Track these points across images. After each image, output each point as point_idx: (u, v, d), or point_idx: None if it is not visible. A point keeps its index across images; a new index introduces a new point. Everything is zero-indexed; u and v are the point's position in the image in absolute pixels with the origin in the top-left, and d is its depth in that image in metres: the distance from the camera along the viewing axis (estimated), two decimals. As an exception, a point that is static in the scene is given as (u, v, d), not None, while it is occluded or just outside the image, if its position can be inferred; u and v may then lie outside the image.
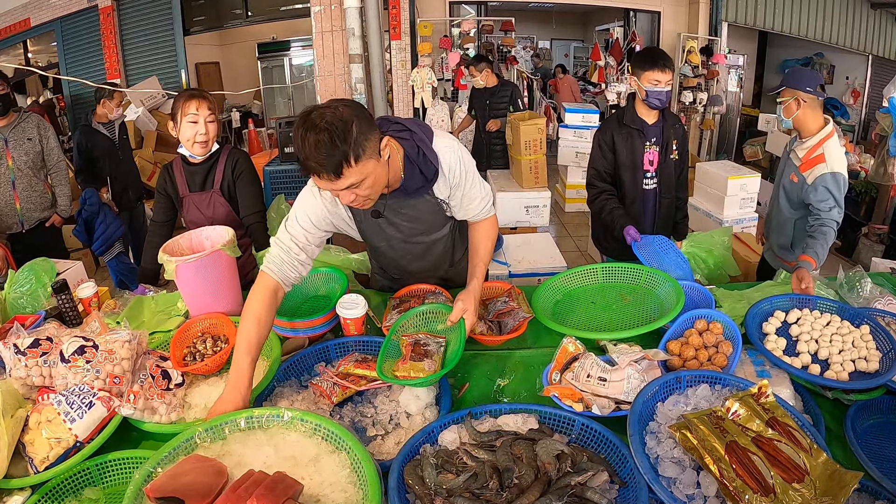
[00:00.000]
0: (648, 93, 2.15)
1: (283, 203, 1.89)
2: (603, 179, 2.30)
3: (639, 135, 2.24)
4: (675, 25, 6.74)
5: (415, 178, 1.35)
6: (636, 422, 0.99)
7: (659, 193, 2.32)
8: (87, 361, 1.18)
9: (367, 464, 0.94)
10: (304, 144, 1.14)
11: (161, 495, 0.88)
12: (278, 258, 1.35)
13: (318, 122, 1.13)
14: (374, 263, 1.78)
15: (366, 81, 2.80)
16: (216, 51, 8.07)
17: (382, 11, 3.08)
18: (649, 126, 2.24)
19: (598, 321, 1.51)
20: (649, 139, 2.25)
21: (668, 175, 2.30)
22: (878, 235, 4.30)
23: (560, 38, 12.10)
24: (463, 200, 1.47)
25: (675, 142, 2.29)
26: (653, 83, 2.13)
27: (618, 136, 2.25)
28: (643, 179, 2.30)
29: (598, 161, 2.30)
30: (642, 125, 2.24)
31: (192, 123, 1.84)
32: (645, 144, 2.25)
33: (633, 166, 2.27)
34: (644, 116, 2.24)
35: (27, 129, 2.98)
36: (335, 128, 1.12)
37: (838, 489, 0.87)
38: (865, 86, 6.60)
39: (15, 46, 6.91)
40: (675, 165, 2.31)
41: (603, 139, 2.28)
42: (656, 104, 2.18)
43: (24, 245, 2.97)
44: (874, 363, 1.23)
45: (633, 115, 2.25)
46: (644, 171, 2.28)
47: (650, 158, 2.27)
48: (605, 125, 2.33)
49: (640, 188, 2.30)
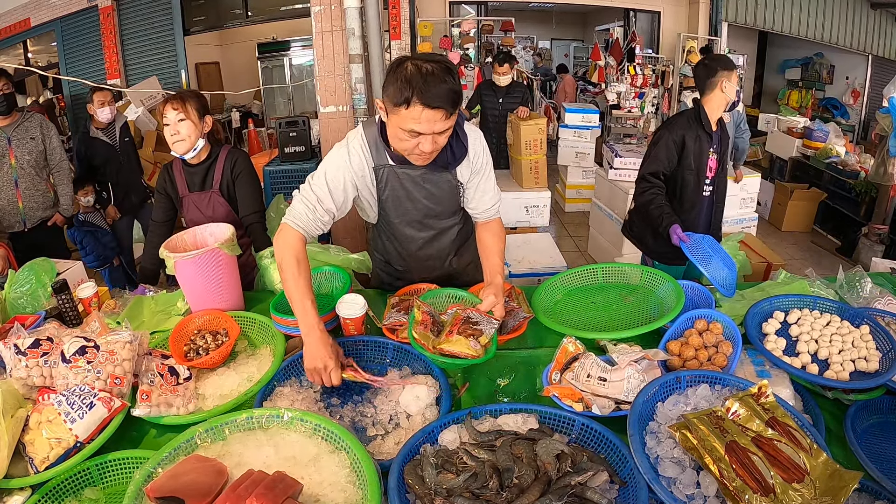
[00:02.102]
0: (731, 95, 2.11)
1: (282, 203, 1.89)
2: (659, 178, 2.19)
3: (707, 139, 2.18)
4: (675, 25, 6.74)
5: (446, 152, 1.40)
6: (636, 422, 0.99)
7: (714, 202, 2.27)
8: (88, 362, 1.18)
9: (367, 463, 0.94)
10: (424, 73, 1.16)
11: (161, 495, 0.88)
12: (304, 215, 1.38)
13: (437, 58, 1.18)
14: (378, 257, 1.77)
15: (366, 81, 2.80)
16: (216, 51, 8.07)
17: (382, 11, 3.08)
18: (713, 132, 2.19)
19: (598, 321, 1.51)
20: (713, 145, 2.20)
21: (724, 185, 2.26)
22: (878, 235, 4.30)
23: (560, 38, 12.10)
24: (478, 191, 1.53)
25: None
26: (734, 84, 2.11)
27: (689, 137, 2.17)
28: (704, 185, 2.23)
29: (661, 160, 2.17)
30: (710, 130, 2.18)
31: (167, 125, 1.85)
32: (710, 150, 2.19)
33: (697, 170, 2.19)
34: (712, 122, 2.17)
35: (30, 129, 2.99)
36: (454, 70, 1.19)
37: (838, 489, 0.87)
38: (865, 86, 6.60)
39: (15, 46, 6.91)
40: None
41: (672, 138, 2.17)
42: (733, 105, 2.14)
43: (26, 244, 2.99)
44: (874, 363, 1.24)
45: (707, 119, 2.17)
46: (706, 176, 2.22)
47: (711, 165, 2.22)
48: (676, 125, 2.22)
49: (700, 193, 2.24)
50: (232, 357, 1.41)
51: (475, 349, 1.18)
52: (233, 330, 1.43)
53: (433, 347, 1.21)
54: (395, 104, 1.23)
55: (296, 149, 3.92)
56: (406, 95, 1.19)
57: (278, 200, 1.90)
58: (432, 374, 1.28)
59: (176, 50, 6.00)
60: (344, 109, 2.93)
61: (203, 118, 1.90)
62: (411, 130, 1.24)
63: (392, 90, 1.22)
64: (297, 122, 3.94)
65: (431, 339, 1.24)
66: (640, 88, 6.72)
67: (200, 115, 1.89)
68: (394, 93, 1.21)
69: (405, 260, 1.69)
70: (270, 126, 6.48)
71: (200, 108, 1.89)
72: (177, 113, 1.83)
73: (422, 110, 1.19)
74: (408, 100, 1.19)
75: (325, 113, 2.98)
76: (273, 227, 1.85)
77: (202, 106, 1.90)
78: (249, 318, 1.53)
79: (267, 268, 1.78)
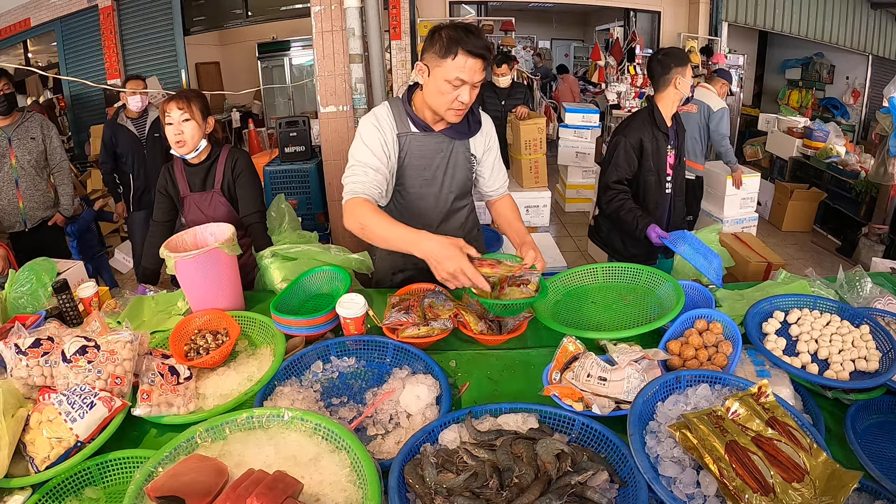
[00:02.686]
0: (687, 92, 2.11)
1: (282, 202, 1.89)
2: (622, 184, 2.19)
3: (664, 137, 2.17)
4: (675, 25, 6.74)
5: (463, 123, 1.58)
6: (636, 421, 0.99)
7: (673, 196, 2.27)
8: (88, 361, 1.18)
9: (367, 463, 0.94)
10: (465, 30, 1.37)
11: (161, 494, 0.88)
12: (358, 183, 1.47)
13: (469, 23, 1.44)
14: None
15: (366, 81, 2.79)
16: (216, 51, 8.07)
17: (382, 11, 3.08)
18: (669, 128, 2.18)
19: (598, 321, 1.51)
20: (670, 142, 2.19)
21: (681, 177, 2.25)
22: (878, 235, 4.31)
23: (560, 38, 12.11)
24: (494, 168, 1.71)
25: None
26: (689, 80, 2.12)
27: (646, 139, 2.15)
28: (665, 183, 2.22)
29: (622, 167, 2.16)
30: (666, 128, 2.16)
31: (168, 125, 1.85)
32: (668, 147, 2.18)
33: (657, 170, 2.19)
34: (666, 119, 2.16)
35: (31, 129, 3.00)
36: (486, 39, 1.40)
37: (838, 489, 0.87)
38: (865, 86, 6.60)
39: (15, 46, 6.91)
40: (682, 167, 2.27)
41: (629, 143, 2.16)
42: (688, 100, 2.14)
43: (27, 244, 2.99)
44: (874, 363, 1.24)
45: (662, 119, 2.16)
46: (666, 174, 2.21)
47: (670, 162, 2.21)
48: (631, 129, 2.19)
49: (663, 192, 2.22)
50: (232, 357, 1.41)
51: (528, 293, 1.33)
52: (233, 330, 1.43)
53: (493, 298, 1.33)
54: (441, 57, 1.39)
55: (296, 149, 3.92)
56: (453, 47, 1.36)
57: (279, 200, 1.90)
58: (433, 374, 1.28)
59: (176, 50, 6.00)
60: (344, 109, 2.93)
61: (206, 119, 1.91)
62: (456, 79, 1.39)
63: (437, 47, 1.39)
64: (297, 122, 3.94)
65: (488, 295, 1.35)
66: (641, 88, 6.73)
67: (203, 116, 1.90)
68: (439, 48, 1.39)
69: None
70: (270, 126, 6.49)
71: (203, 109, 1.90)
72: (181, 112, 1.83)
73: (466, 59, 1.37)
74: (455, 51, 1.36)
75: (325, 113, 2.98)
76: (273, 228, 1.85)
77: (205, 106, 1.91)
78: (250, 317, 1.53)
79: (267, 267, 1.78)
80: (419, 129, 1.56)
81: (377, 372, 1.35)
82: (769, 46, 8.02)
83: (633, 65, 6.71)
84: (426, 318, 1.46)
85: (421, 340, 1.39)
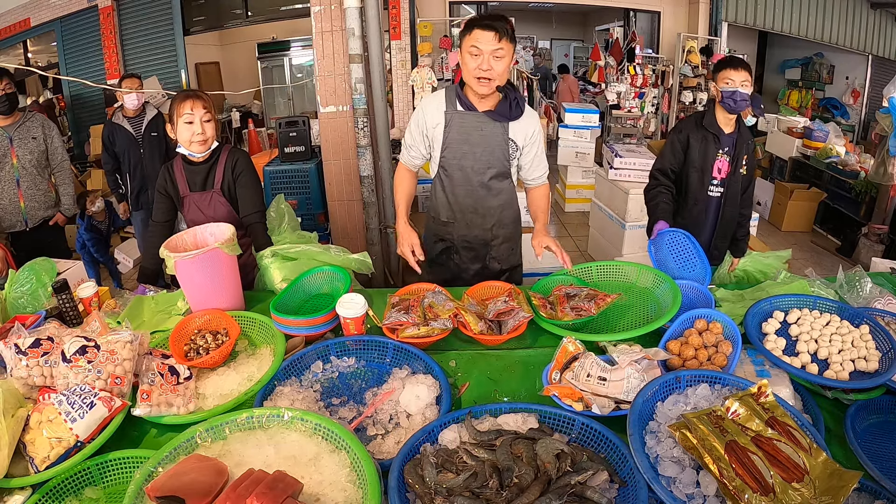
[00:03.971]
0: (723, 93, 2.16)
1: (282, 203, 1.89)
2: (667, 175, 2.30)
3: (714, 140, 2.25)
4: (675, 25, 6.74)
5: (505, 107, 1.80)
6: (636, 421, 0.99)
7: (723, 203, 2.32)
8: (88, 361, 1.18)
9: (367, 463, 0.94)
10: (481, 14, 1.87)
11: (161, 494, 0.88)
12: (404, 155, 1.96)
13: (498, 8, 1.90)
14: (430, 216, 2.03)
15: (366, 81, 2.79)
16: (216, 51, 8.07)
17: (382, 11, 3.07)
18: (725, 135, 2.25)
19: (598, 321, 1.52)
20: (722, 147, 2.25)
21: (736, 188, 2.30)
22: (878, 235, 4.31)
23: (560, 38, 12.10)
24: (535, 160, 1.92)
25: (746, 157, 2.29)
26: (726, 82, 2.15)
27: (693, 137, 2.26)
28: (709, 185, 2.30)
29: (667, 157, 2.30)
30: (719, 131, 2.24)
31: (188, 124, 1.85)
32: (718, 151, 2.26)
33: (701, 169, 2.27)
34: (722, 124, 2.24)
35: (32, 128, 3.00)
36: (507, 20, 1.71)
37: (838, 488, 0.87)
38: (865, 86, 6.60)
39: (15, 46, 6.91)
40: (742, 180, 2.31)
41: (678, 137, 2.29)
42: (730, 105, 2.17)
43: (27, 243, 2.99)
44: (874, 363, 1.24)
45: (712, 120, 2.25)
46: (711, 177, 2.28)
47: (719, 166, 2.27)
48: (683, 124, 2.34)
49: (704, 192, 2.30)
50: (232, 357, 1.41)
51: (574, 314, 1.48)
52: (233, 330, 1.43)
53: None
54: (463, 36, 1.73)
55: (296, 149, 3.92)
56: (469, 26, 1.71)
57: (278, 200, 1.90)
58: (432, 374, 1.28)
59: (176, 50, 6.01)
60: (344, 109, 2.93)
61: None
62: (472, 47, 1.68)
63: (462, 31, 1.74)
64: (297, 122, 3.94)
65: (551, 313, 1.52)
66: (640, 88, 6.72)
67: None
68: (463, 30, 1.73)
69: (453, 211, 1.93)
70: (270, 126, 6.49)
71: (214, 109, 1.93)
72: (205, 111, 1.86)
73: (480, 32, 1.67)
74: (471, 27, 1.69)
75: (325, 113, 2.98)
76: (273, 228, 1.86)
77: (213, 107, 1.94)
78: (250, 317, 1.53)
79: (267, 267, 1.78)
80: (464, 108, 1.82)
81: (377, 372, 1.35)
82: (769, 46, 8.02)
83: (633, 65, 6.70)
84: (426, 318, 1.46)
85: (421, 340, 1.39)
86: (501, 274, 2.00)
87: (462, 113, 1.81)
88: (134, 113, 3.50)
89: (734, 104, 2.16)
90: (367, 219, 3.01)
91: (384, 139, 2.92)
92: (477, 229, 1.93)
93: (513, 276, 2.04)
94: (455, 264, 1.99)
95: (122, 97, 3.47)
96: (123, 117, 3.50)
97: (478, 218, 1.92)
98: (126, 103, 3.47)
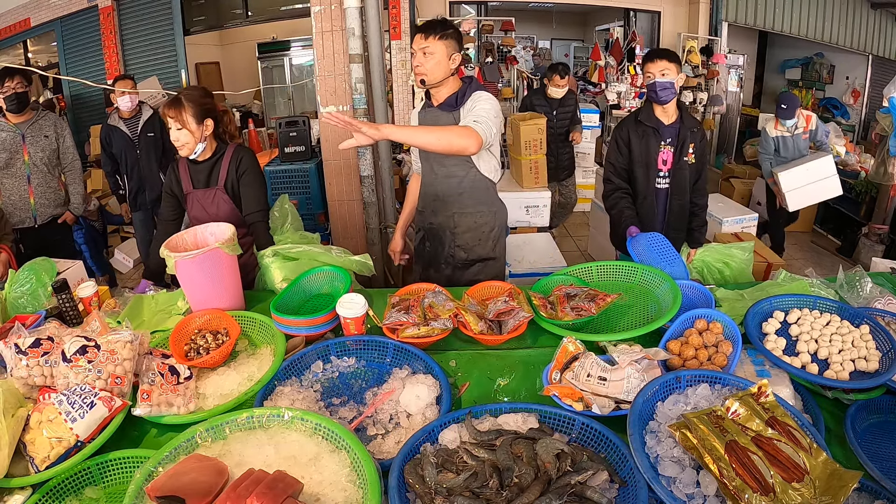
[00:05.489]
0: (647, 87, 2.21)
1: (286, 203, 1.92)
2: (619, 175, 2.35)
3: (654, 133, 2.27)
4: (675, 25, 6.74)
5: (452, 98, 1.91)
6: (636, 421, 0.99)
7: (671, 194, 2.34)
8: (88, 361, 1.18)
9: (367, 463, 0.94)
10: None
11: (162, 494, 0.88)
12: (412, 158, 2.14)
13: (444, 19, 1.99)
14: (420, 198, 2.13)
15: (366, 81, 2.79)
16: (216, 51, 8.06)
17: (382, 11, 3.07)
18: (665, 126, 2.27)
19: (598, 321, 1.52)
20: (664, 139, 2.27)
21: (682, 177, 2.31)
22: (878, 235, 4.31)
23: (560, 38, 12.08)
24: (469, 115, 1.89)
25: (692, 145, 2.29)
26: (647, 76, 2.20)
27: (633, 133, 2.29)
28: (656, 178, 2.32)
29: (613, 156, 2.35)
30: (658, 124, 2.26)
31: (169, 129, 1.88)
32: (660, 144, 2.27)
33: (646, 164, 2.30)
34: (660, 116, 2.27)
35: (44, 127, 3.04)
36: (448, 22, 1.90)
37: (838, 488, 0.87)
38: (865, 86, 6.59)
39: (15, 46, 6.90)
40: (690, 169, 2.32)
41: (619, 135, 2.33)
42: (653, 96, 2.21)
43: (35, 240, 3.02)
44: (874, 363, 1.24)
45: (649, 114, 2.28)
46: (657, 169, 2.31)
47: (664, 158, 2.29)
48: (623, 122, 2.38)
49: (651, 186, 2.33)
50: (232, 357, 1.41)
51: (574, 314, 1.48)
52: (233, 329, 1.43)
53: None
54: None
55: (296, 149, 3.92)
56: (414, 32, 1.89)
57: (282, 201, 1.93)
58: (433, 374, 1.28)
59: (176, 50, 5.99)
60: (344, 109, 2.92)
61: (203, 122, 1.89)
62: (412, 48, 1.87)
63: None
64: (297, 122, 3.94)
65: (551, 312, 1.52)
66: (640, 88, 6.71)
67: (200, 119, 1.87)
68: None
69: (425, 200, 2.07)
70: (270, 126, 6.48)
71: (200, 112, 1.87)
72: (173, 121, 1.85)
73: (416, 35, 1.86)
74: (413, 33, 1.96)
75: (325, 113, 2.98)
76: (276, 227, 1.87)
77: (202, 109, 1.88)
78: (250, 317, 1.53)
79: (268, 267, 1.78)
80: (429, 106, 1.98)
81: (377, 372, 1.35)
82: (769, 46, 8.01)
83: (633, 65, 6.69)
84: (426, 318, 1.46)
85: (421, 340, 1.39)
86: (471, 264, 2.05)
87: (427, 110, 1.99)
88: (129, 114, 3.50)
89: (656, 95, 2.20)
90: (367, 219, 3.01)
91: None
92: (440, 216, 2.03)
93: (485, 269, 2.06)
94: (428, 251, 2.11)
95: (115, 98, 3.47)
96: (119, 118, 3.50)
97: (440, 204, 2.02)
98: (120, 105, 3.47)
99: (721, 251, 2.03)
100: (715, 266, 2.05)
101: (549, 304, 1.55)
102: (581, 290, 1.60)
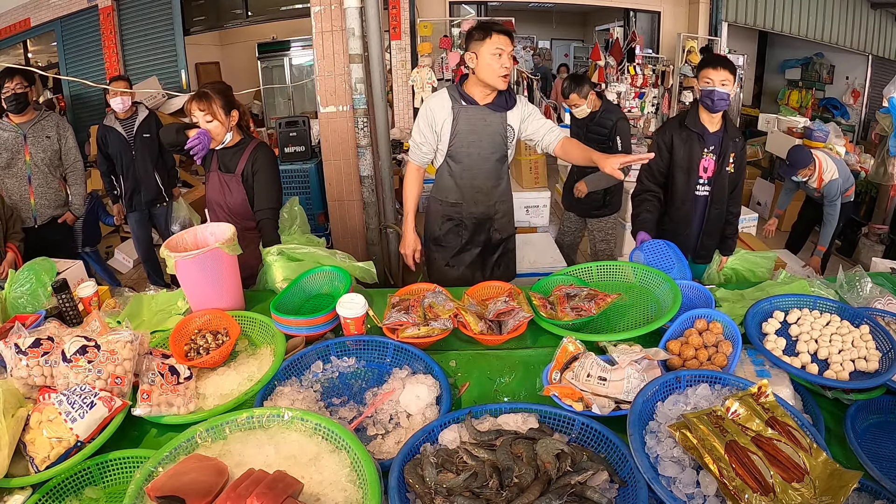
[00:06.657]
0: (702, 92, 2.16)
1: (296, 205, 1.99)
2: (653, 178, 2.33)
3: (698, 139, 2.24)
4: (675, 25, 6.74)
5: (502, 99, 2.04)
6: (636, 421, 0.99)
7: (710, 202, 2.32)
8: (88, 361, 1.18)
9: (367, 463, 0.94)
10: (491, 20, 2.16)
11: (162, 494, 0.88)
12: (414, 153, 2.16)
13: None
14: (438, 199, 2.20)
15: (366, 81, 2.79)
16: (216, 51, 8.06)
17: (382, 11, 3.07)
18: (710, 133, 2.24)
19: (598, 321, 1.52)
20: (708, 146, 2.25)
21: (722, 185, 2.30)
22: (878, 235, 4.31)
23: (560, 38, 12.08)
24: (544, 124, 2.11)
25: (733, 154, 2.28)
26: (705, 82, 2.15)
27: (677, 136, 2.27)
28: (696, 184, 2.30)
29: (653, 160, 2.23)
30: (703, 130, 2.24)
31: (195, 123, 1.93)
32: (703, 150, 2.25)
33: (687, 169, 2.28)
34: (706, 123, 2.24)
35: (46, 128, 3.04)
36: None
37: (838, 488, 0.87)
38: (865, 86, 6.58)
39: (15, 46, 6.90)
40: (729, 178, 2.31)
41: (662, 139, 2.31)
42: (708, 104, 2.17)
43: (35, 240, 3.02)
44: (874, 363, 1.24)
45: (695, 120, 2.25)
46: (698, 176, 2.28)
47: (706, 165, 2.27)
48: (666, 125, 2.37)
49: (691, 192, 2.31)
50: (232, 357, 1.41)
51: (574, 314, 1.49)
52: (233, 329, 1.43)
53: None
54: (481, 41, 1.91)
55: (296, 149, 3.92)
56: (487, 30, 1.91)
57: (293, 202, 2.00)
58: (433, 374, 1.28)
59: (176, 50, 6.00)
60: (344, 109, 2.92)
61: (230, 113, 1.98)
62: (497, 48, 1.89)
63: (477, 35, 1.93)
64: (297, 122, 3.94)
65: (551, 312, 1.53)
66: (640, 88, 6.71)
67: (227, 111, 1.97)
68: (478, 36, 1.92)
69: (462, 192, 2.13)
70: (270, 126, 6.48)
71: (226, 105, 1.96)
72: (203, 114, 1.92)
73: (500, 36, 1.89)
74: (491, 32, 1.89)
75: (325, 113, 2.97)
76: (284, 228, 1.92)
77: (227, 102, 1.97)
78: (250, 317, 1.53)
79: (271, 265, 1.78)
80: (467, 104, 2.03)
81: (377, 372, 1.35)
82: (769, 46, 8.01)
83: (633, 65, 6.69)
84: (426, 318, 1.46)
85: (421, 340, 1.39)
86: (501, 243, 2.25)
87: (467, 107, 2.03)
88: (125, 115, 3.49)
89: (712, 103, 2.16)
90: (367, 219, 3.01)
91: (384, 139, 2.92)
92: (483, 206, 2.16)
93: (508, 243, 2.30)
94: (463, 239, 2.21)
95: (110, 99, 3.47)
96: (115, 119, 3.49)
97: (483, 196, 2.14)
98: (113, 106, 3.46)
99: (748, 258, 2.09)
100: (743, 274, 2.09)
101: (549, 304, 1.55)
102: (581, 289, 1.59)
